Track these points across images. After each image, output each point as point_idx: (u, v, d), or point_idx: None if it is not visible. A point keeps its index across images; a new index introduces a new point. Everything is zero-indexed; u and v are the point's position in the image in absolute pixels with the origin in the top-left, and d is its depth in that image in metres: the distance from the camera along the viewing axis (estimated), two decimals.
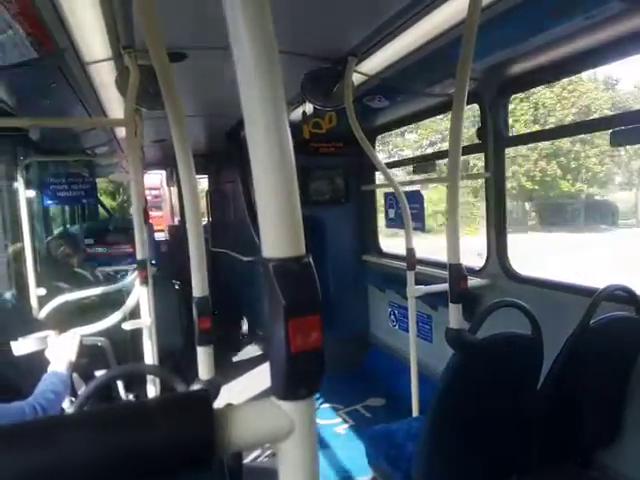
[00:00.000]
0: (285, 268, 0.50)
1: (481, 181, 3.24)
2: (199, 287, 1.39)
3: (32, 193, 3.68)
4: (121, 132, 3.80)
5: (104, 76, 2.37)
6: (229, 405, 0.50)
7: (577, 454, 1.95)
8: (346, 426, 3.29)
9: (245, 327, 5.55)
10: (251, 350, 5.00)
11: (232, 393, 3.42)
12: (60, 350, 1.81)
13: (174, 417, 0.46)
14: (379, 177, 4.24)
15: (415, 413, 2.80)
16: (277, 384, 0.51)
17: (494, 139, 2.72)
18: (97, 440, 0.44)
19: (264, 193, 0.50)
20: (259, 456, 2.80)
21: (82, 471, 0.44)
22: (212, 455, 0.46)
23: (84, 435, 0.44)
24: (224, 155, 5.33)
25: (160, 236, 7.73)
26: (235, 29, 0.49)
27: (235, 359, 4.78)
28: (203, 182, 6.89)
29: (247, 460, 2.72)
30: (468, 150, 2.91)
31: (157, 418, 0.46)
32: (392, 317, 4.04)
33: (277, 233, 0.50)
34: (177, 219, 8.26)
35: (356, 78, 2.56)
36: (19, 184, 3.33)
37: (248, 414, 0.50)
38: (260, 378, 4.05)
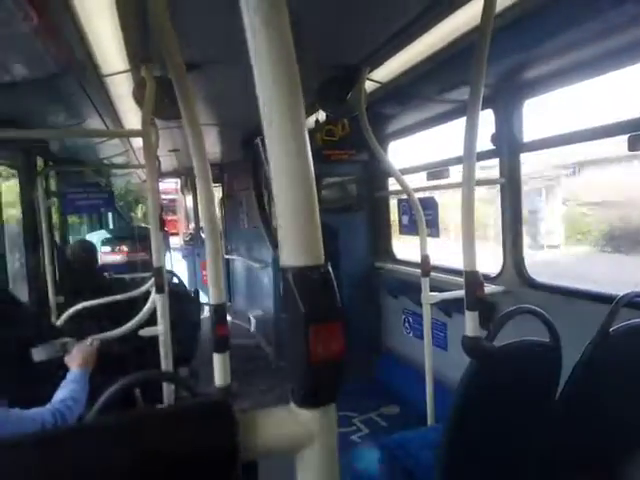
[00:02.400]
0: (304, 276, 0.50)
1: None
2: (216, 295, 1.41)
3: (51, 202, 3.75)
4: (137, 142, 3.86)
5: (121, 88, 2.42)
6: (251, 411, 0.50)
7: (598, 464, 1.90)
8: (361, 434, 3.26)
9: (259, 335, 5.56)
10: (264, 357, 5.00)
11: (244, 401, 3.43)
12: (78, 357, 1.83)
13: (198, 424, 0.47)
14: (392, 183, 4.23)
15: (430, 422, 2.77)
16: (297, 391, 0.51)
17: (508, 145, 2.70)
18: (120, 448, 0.45)
19: (284, 202, 0.51)
20: (274, 468, 2.78)
21: (102, 478, 0.44)
22: (236, 461, 0.46)
23: (107, 444, 0.45)
24: (237, 164, 5.38)
25: (175, 243, 7.79)
26: (255, 41, 0.50)
27: (248, 367, 4.78)
28: (216, 190, 6.98)
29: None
30: (482, 156, 2.90)
31: (181, 425, 0.47)
32: (406, 324, 4.01)
33: (296, 242, 0.51)
34: (192, 226, 8.34)
35: (369, 86, 2.58)
36: (39, 193, 3.40)
37: (269, 421, 0.50)
38: (272, 385, 4.05)
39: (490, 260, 2.89)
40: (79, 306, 3.12)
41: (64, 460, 0.44)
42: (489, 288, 2.71)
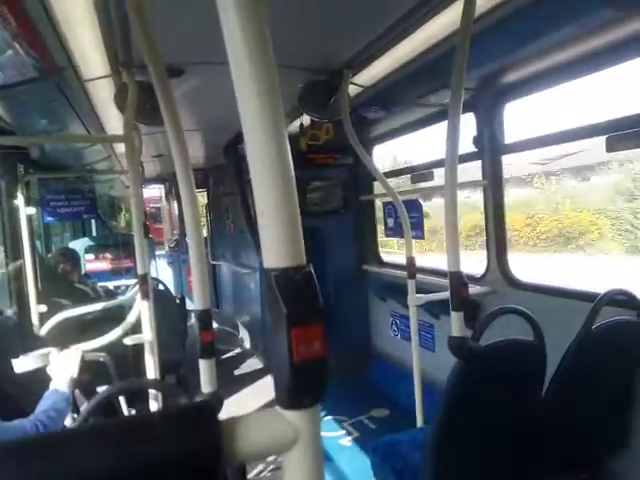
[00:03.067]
0: (286, 277, 0.51)
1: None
2: (201, 300, 1.40)
3: (32, 210, 3.69)
4: (120, 148, 3.82)
5: (102, 93, 2.40)
6: (235, 416, 0.50)
7: (584, 461, 1.93)
8: (350, 438, 3.26)
9: (246, 341, 5.53)
10: (252, 363, 4.98)
11: (233, 406, 3.40)
12: (62, 367, 1.80)
13: (180, 429, 0.46)
14: (377, 187, 4.26)
15: (420, 423, 2.78)
16: (281, 393, 0.51)
17: (490, 147, 2.74)
18: (103, 454, 0.44)
19: (264, 204, 0.51)
20: (262, 471, 2.77)
21: None
22: (219, 466, 0.46)
23: (90, 449, 0.44)
24: (222, 169, 5.36)
25: (160, 250, 7.72)
26: (233, 44, 0.50)
27: (237, 372, 4.76)
28: (201, 196, 6.93)
29: (250, 476, 2.70)
30: (464, 158, 2.94)
31: (163, 431, 0.46)
32: (394, 327, 4.02)
33: (278, 243, 0.51)
34: (176, 232, 8.27)
35: (352, 90, 2.59)
36: (19, 201, 3.34)
37: (253, 424, 0.50)
38: (261, 391, 4.03)
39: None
40: (62, 315, 3.07)
41: (45, 467, 0.43)
42: (474, 289, 2.74)
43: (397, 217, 3.45)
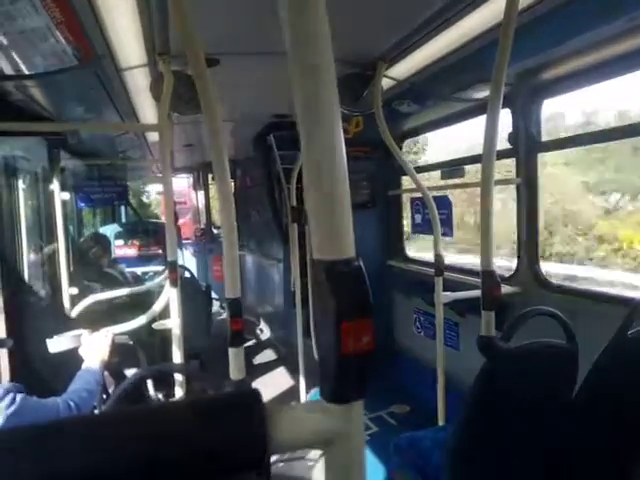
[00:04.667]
0: (336, 270, 0.50)
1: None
2: (231, 289, 1.41)
3: (67, 195, 3.79)
4: (152, 137, 3.89)
5: (138, 82, 2.43)
6: (279, 406, 0.50)
7: (613, 468, 1.88)
8: (370, 432, 3.26)
9: (266, 331, 5.57)
10: (271, 354, 5.01)
11: None
12: (93, 348, 1.85)
13: (228, 416, 0.46)
14: (405, 182, 4.21)
15: (441, 421, 2.75)
16: (327, 386, 0.51)
17: (526, 144, 2.67)
18: (147, 439, 0.44)
19: (316, 195, 0.51)
20: (276, 462, 2.79)
21: (131, 470, 0.44)
22: (264, 455, 0.46)
23: (134, 434, 0.45)
24: (250, 160, 5.39)
25: (188, 241, 7.85)
26: (293, 32, 0.49)
27: (256, 362, 4.81)
28: None
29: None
30: (499, 155, 2.87)
31: (210, 417, 0.46)
32: (417, 323, 3.99)
33: (329, 235, 0.50)
34: (203, 221, 8.37)
35: (385, 83, 2.56)
36: (55, 186, 3.43)
37: (298, 415, 0.50)
38: (278, 382, 4.07)
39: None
40: (92, 298, 3.15)
41: (91, 448, 0.43)
42: (504, 289, 2.69)
43: (425, 213, 3.40)
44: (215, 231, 7.61)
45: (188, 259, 7.65)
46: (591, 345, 1.67)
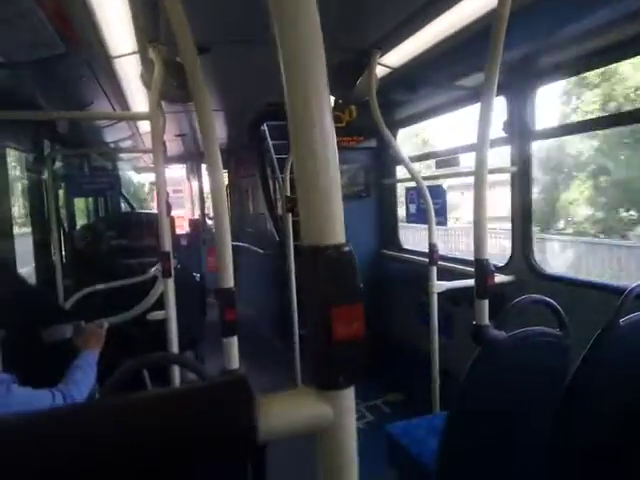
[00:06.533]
0: (326, 255, 0.50)
1: None
2: (224, 279, 1.41)
3: (59, 185, 3.75)
4: (144, 126, 3.84)
5: (129, 70, 2.40)
6: (270, 393, 0.50)
7: (604, 455, 1.91)
8: (365, 421, 3.29)
9: (263, 322, 5.59)
10: (268, 344, 5.03)
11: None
12: (88, 339, 1.85)
13: (217, 403, 0.46)
14: (400, 171, 4.20)
15: (435, 410, 2.78)
16: (317, 373, 0.51)
17: (520, 132, 2.67)
18: (134, 427, 0.44)
19: (306, 180, 0.50)
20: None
21: (119, 458, 0.44)
22: (255, 442, 0.46)
23: (120, 421, 0.44)
24: (244, 150, 5.36)
25: (182, 232, 7.81)
26: (282, 19, 0.48)
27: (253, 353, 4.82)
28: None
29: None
30: (493, 144, 2.86)
31: (198, 404, 0.46)
32: (412, 312, 4.01)
33: (318, 220, 0.50)
34: (197, 212, 8.34)
35: (379, 71, 2.54)
36: (46, 176, 3.40)
37: (289, 402, 0.50)
38: (277, 372, 4.08)
39: None
40: (88, 289, 3.14)
41: (79, 436, 0.43)
42: (497, 277, 2.70)
43: (420, 203, 3.40)
44: (209, 222, 7.58)
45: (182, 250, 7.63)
46: (584, 332, 1.69)
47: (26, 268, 3.47)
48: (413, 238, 10.31)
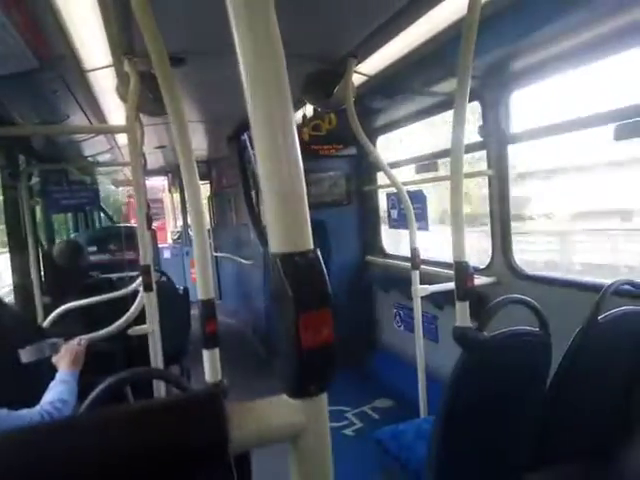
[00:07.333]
0: (292, 262, 0.50)
1: None
2: (204, 290, 1.39)
3: (35, 201, 3.68)
4: (122, 139, 3.81)
5: (104, 83, 2.38)
6: (241, 403, 0.49)
7: (588, 452, 1.93)
8: (354, 428, 3.27)
9: (249, 332, 5.54)
10: (253, 355, 4.98)
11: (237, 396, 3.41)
12: (67, 357, 1.80)
13: (187, 416, 0.46)
14: (381, 177, 4.23)
15: (423, 414, 2.78)
16: (287, 381, 0.50)
17: (496, 137, 2.72)
18: (108, 441, 0.43)
19: (272, 189, 0.50)
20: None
21: (95, 471, 0.43)
22: (226, 453, 0.46)
23: (95, 436, 0.44)
24: (225, 160, 5.34)
25: (163, 242, 7.75)
26: (240, 33, 0.49)
27: (238, 364, 4.77)
28: (204, 188, 6.92)
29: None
30: (469, 148, 2.91)
31: (169, 417, 0.46)
32: (397, 318, 4.02)
33: (284, 228, 0.50)
34: (179, 224, 8.28)
35: (356, 79, 2.56)
36: (22, 192, 3.33)
37: (259, 411, 0.50)
38: (264, 381, 4.04)
39: None
40: (66, 306, 3.07)
41: (53, 454, 0.42)
42: (479, 279, 2.73)
43: (401, 208, 3.43)
44: (191, 233, 7.52)
45: (167, 261, 7.55)
46: (563, 330, 1.71)
47: (6, 289, 3.39)
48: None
